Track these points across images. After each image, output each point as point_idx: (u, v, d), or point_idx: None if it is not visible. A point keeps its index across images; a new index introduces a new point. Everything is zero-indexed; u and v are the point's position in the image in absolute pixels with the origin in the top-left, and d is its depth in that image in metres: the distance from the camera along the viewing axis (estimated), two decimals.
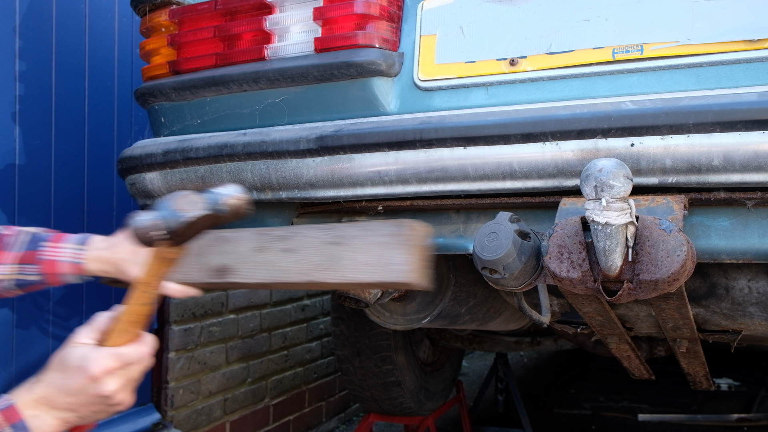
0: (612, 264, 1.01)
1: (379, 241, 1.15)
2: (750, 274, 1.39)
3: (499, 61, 1.31)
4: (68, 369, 0.93)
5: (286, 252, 1.24)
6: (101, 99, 2.18)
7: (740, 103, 1.06)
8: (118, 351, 0.95)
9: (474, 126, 1.23)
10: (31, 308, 1.97)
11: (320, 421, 3.41)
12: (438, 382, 2.74)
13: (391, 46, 1.41)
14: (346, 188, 1.35)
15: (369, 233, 1.17)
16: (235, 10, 1.51)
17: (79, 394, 0.93)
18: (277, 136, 1.39)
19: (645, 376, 2.07)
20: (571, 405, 3.81)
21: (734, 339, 1.63)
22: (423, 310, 1.64)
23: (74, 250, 1.29)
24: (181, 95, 1.56)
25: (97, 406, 0.94)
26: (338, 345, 2.41)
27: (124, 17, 2.26)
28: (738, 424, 3.35)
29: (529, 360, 5.10)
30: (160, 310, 2.44)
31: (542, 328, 2.51)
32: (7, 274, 1.27)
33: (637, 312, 1.60)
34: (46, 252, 1.27)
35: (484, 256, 1.09)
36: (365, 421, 2.62)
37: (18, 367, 1.93)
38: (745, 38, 1.14)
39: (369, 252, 1.16)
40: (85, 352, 0.94)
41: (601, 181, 0.96)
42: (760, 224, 1.11)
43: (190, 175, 1.49)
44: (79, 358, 0.93)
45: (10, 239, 1.29)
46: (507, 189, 1.24)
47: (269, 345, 3.00)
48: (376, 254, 1.15)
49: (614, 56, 1.23)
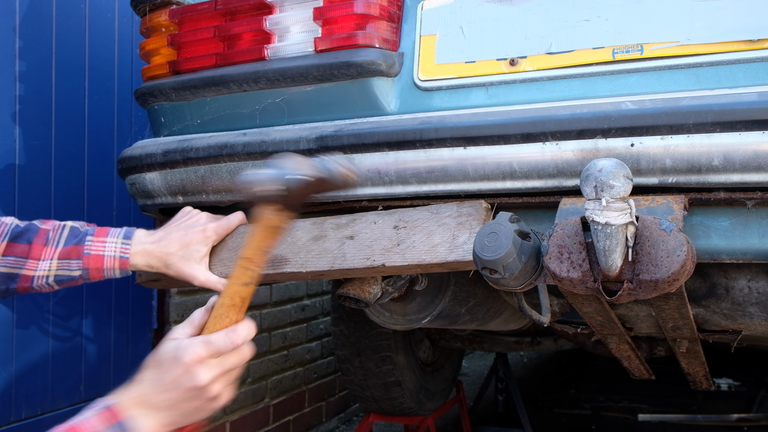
0: (612, 264, 1.01)
1: (444, 221, 1.14)
2: (750, 274, 1.39)
3: (499, 61, 1.31)
4: (162, 364, 0.90)
5: (346, 239, 1.21)
6: (101, 99, 2.18)
7: (740, 103, 1.06)
8: (208, 338, 0.90)
9: (474, 126, 1.23)
10: (31, 308, 1.97)
11: (320, 421, 3.41)
12: (438, 382, 2.74)
13: (391, 46, 1.41)
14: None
15: (434, 215, 1.16)
16: (235, 10, 1.51)
17: (174, 389, 0.88)
18: (277, 136, 1.39)
19: (645, 376, 2.07)
20: (571, 405, 3.81)
21: (734, 339, 1.63)
22: (423, 310, 1.64)
23: (120, 245, 1.27)
24: (181, 95, 1.56)
25: (194, 401, 0.89)
26: (338, 345, 2.41)
27: (124, 17, 2.26)
28: (738, 424, 3.35)
29: (529, 360, 5.10)
30: (160, 310, 2.44)
31: (542, 328, 2.51)
32: (47, 269, 1.25)
33: (637, 312, 1.60)
34: (91, 246, 1.25)
35: (484, 256, 1.09)
36: (365, 421, 2.62)
37: (18, 367, 1.93)
38: (745, 38, 1.14)
39: (435, 233, 1.15)
40: (177, 343, 0.90)
41: (601, 181, 0.96)
42: (760, 224, 1.11)
43: (190, 175, 1.49)
44: (172, 350, 0.90)
45: (51, 234, 1.26)
46: (507, 189, 1.24)
47: (269, 345, 3.00)
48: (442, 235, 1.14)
49: (614, 56, 1.23)
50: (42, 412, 2.00)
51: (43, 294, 1.99)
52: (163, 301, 2.45)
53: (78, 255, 1.24)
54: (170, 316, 2.44)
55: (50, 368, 2.03)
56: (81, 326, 2.13)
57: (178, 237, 1.30)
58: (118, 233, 1.28)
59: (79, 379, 2.12)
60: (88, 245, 1.25)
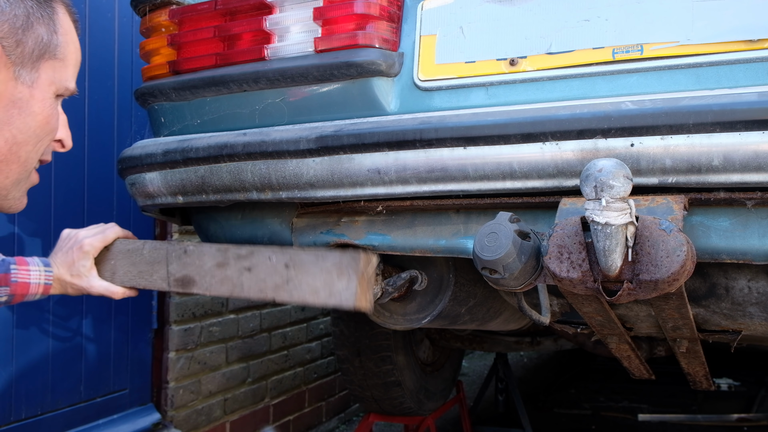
0: (612, 264, 1.01)
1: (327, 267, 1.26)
2: (750, 274, 1.39)
3: (499, 61, 1.31)
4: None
5: (245, 270, 1.36)
6: (101, 99, 2.18)
7: (740, 103, 1.06)
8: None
9: (474, 126, 1.23)
10: (31, 308, 1.97)
11: (320, 421, 3.41)
12: (438, 382, 2.74)
13: (391, 46, 1.41)
14: (346, 188, 1.35)
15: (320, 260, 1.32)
16: (235, 10, 1.50)
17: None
18: (277, 136, 1.39)
19: (645, 376, 2.07)
20: (571, 405, 3.82)
21: (734, 339, 1.63)
22: (423, 310, 1.64)
23: (43, 273, 1.40)
24: (181, 95, 1.56)
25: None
26: (338, 345, 2.41)
27: (124, 17, 2.26)
28: (738, 424, 3.35)
29: (529, 360, 5.10)
30: (160, 310, 2.44)
31: (542, 328, 2.51)
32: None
33: (637, 312, 1.60)
34: (18, 275, 1.35)
35: (484, 256, 1.09)
36: (365, 421, 2.62)
37: (18, 367, 1.93)
38: (745, 38, 1.14)
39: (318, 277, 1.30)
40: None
41: (601, 181, 0.96)
42: (760, 224, 1.11)
43: (190, 175, 1.49)
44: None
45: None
46: (507, 189, 1.24)
47: (269, 345, 3.00)
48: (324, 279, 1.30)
49: (614, 56, 1.23)
50: (42, 412, 2.00)
51: None
52: (163, 301, 2.45)
53: (6, 282, 1.34)
54: (170, 316, 2.44)
55: (50, 368, 2.03)
56: (81, 326, 2.13)
57: (63, 260, 1.45)
58: (38, 262, 1.41)
59: (79, 379, 2.12)
60: (14, 273, 1.34)
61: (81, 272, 1.45)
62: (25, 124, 1.01)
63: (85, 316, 2.14)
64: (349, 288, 1.26)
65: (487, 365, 4.44)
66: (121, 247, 1.50)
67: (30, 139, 1.03)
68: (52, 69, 1.03)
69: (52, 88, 1.04)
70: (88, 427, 2.13)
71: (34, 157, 1.06)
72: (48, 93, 1.03)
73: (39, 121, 1.03)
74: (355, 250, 1.32)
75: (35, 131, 1.03)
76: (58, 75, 1.05)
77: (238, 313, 2.79)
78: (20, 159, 1.03)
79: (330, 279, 1.29)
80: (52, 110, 1.05)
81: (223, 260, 1.40)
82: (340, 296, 1.28)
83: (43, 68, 1.02)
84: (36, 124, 1.02)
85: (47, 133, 1.06)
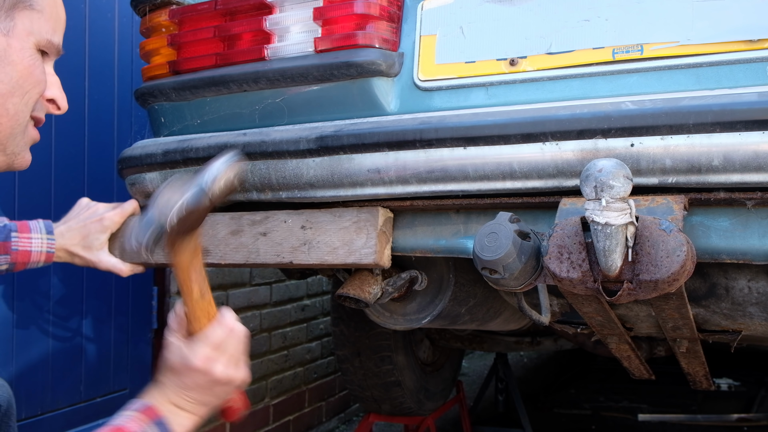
0: (612, 264, 1.01)
1: (345, 225, 1.21)
2: (750, 274, 1.39)
3: (499, 61, 1.31)
4: (177, 371, 1.00)
5: (260, 235, 1.31)
6: (101, 99, 2.18)
7: (740, 103, 1.06)
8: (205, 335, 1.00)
9: (474, 126, 1.23)
10: (31, 308, 1.97)
11: (320, 421, 3.41)
12: (438, 382, 2.74)
13: (391, 46, 1.41)
14: (346, 188, 1.35)
15: (336, 218, 1.27)
16: (235, 10, 1.51)
17: (195, 388, 0.99)
18: (277, 136, 1.39)
19: (645, 376, 2.07)
20: (571, 405, 3.82)
21: (734, 339, 1.63)
22: (423, 310, 1.64)
23: (45, 240, 1.37)
24: (181, 95, 1.56)
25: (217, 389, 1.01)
26: (338, 345, 2.41)
27: (124, 17, 2.26)
28: (738, 424, 3.35)
29: (529, 360, 5.10)
30: (160, 310, 2.44)
31: (542, 328, 2.51)
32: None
33: (637, 312, 1.60)
34: (18, 243, 1.33)
35: (484, 256, 1.09)
36: (365, 421, 2.62)
37: (18, 367, 1.93)
38: (745, 38, 1.14)
39: (336, 235, 1.26)
40: (181, 351, 1.00)
41: (601, 182, 0.96)
42: (760, 224, 1.11)
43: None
44: (180, 358, 1.00)
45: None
46: (507, 189, 1.24)
47: (269, 345, 3.00)
48: (342, 238, 1.25)
49: (614, 56, 1.23)
50: (42, 412, 2.00)
51: (43, 294, 1.99)
52: (163, 301, 2.45)
53: (6, 251, 1.32)
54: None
55: (50, 368, 2.02)
56: (81, 326, 2.13)
57: (79, 229, 1.43)
58: (40, 228, 1.38)
59: (79, 379, 2.12)
60: (14, 241, 1.33)
61: (94, 245, 1.43)
62: (6, 74, 0.98)
63: (85, 316, 2.14)
64: (368, 245, 1.22)
65: (487, 365, 4.44)
66: (131, 224, 1.48)
67: (15, 90, 1.00)
68: (29, 19, 1.01)
69: (30, 39, 1.01)
70: (88, 427, 2.13)
71: (24, 110, 1.03)
72: (27, 43, 1.01)
73: (20, 70, 1.00)
74: (372, 206, 1.25)
75: (18, 82, 1.00)
76: (36, 26, 1.02)
77: (238, 313, 2.77)
78: (9, 112, 1.00)
79: (348, 237, 1.25)
80: (33, 60, 1.02)
81: (237, 227, 1.36)
82: (360, 254, 1.24)
83: (18, 17, 0.99)
84: (17, 74, 0.99)
85: (33, 85, 1.03)
